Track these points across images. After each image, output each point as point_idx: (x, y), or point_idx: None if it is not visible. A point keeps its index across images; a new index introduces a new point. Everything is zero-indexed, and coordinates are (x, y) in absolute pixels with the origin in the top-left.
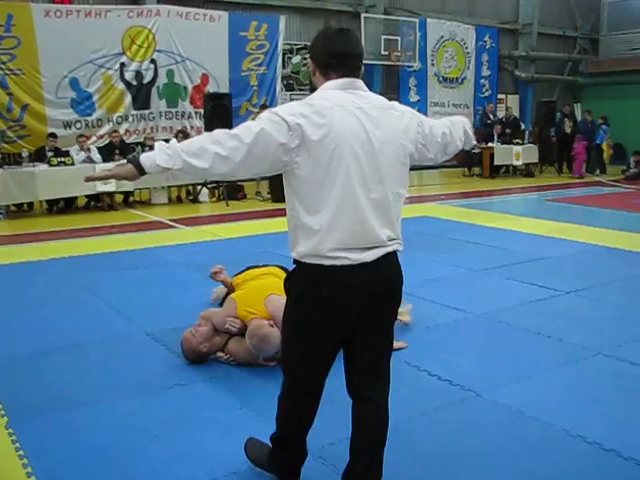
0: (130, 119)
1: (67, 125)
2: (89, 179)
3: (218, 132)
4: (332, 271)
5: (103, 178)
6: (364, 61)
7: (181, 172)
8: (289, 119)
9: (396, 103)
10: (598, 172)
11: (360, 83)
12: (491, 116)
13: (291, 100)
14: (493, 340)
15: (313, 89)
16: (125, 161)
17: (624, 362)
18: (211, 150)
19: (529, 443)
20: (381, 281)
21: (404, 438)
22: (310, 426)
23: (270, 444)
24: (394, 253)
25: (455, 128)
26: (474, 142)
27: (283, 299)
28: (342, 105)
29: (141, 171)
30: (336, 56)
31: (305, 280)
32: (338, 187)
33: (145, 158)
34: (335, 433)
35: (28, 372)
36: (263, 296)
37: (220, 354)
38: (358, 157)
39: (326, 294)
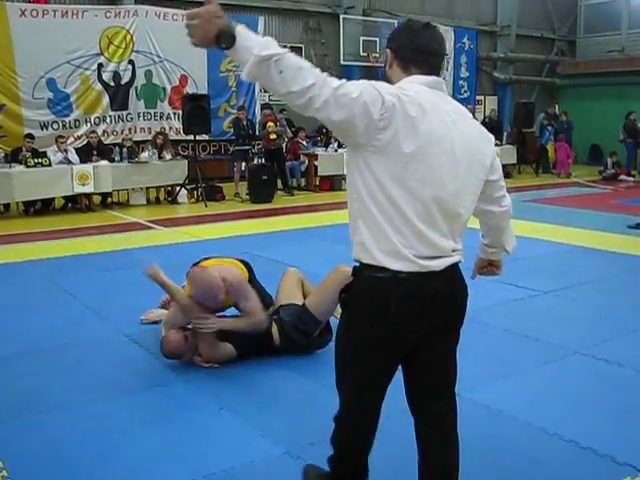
0: (108, 120)
1: (44, 126)
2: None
3: (322, 76)
4: (400, 281)
5: None
6: (344, 62)
7: (283, 71)
8: (387, 97)
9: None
10: (541, 171)
11: (444, 85)
12: None
13: (270, 101)
14: (471, 340)
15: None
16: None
17: (600, 361)
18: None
19: (507, 442)
20: (449, 292)
21: (384, 437)
22: (369, 447)
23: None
24: (457, 264)
25: (509, 214)
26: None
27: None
28: (433, 104)
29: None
30: (421, 52)
31: (370, 293)
32: (416, 187)
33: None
34: (315, 433)
35: (5, 374)
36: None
37: (199, 359)
38: (440, 161)
39: (394, 309)
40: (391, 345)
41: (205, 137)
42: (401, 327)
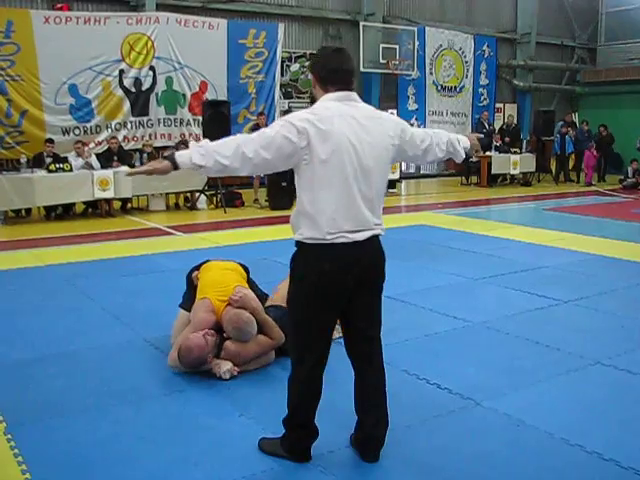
0: (129, 126)
1: (66, 131)
2: (131, 174)
3: (242, 136)
4: (331, 248)
5: (144, 172)
6: (364, 69)
7: (212, 169)
8: (297, 124)
9: (384, 113)
10: (562, 180)
11: (354, 95)
12: (486, 125)
13: (289, 107)
14: (492, 349)
15: (313, 100)
16: (161, 158)
17: (622, 371)
18: (239, 151)
19: (528, 452)
20: (369, 256)
21: (403, 447)
22: (317, 404)
23: (282, 431)
24: (378, 236)
25: (437, 138)
26: (463, 156)
27: (248, 290)
28: (340, 115)
29: (175, 167)
30: (334, 72)
31: (308, 258)
32: (336, 182)
33: (180, 156)
34: (334, 441)
35: (26, 378)
36: (231, 287)
37: (222, 369)
38: (351, 157)
39: (327, 268)
40: (330, 297)
41: None
42: (334, 282)
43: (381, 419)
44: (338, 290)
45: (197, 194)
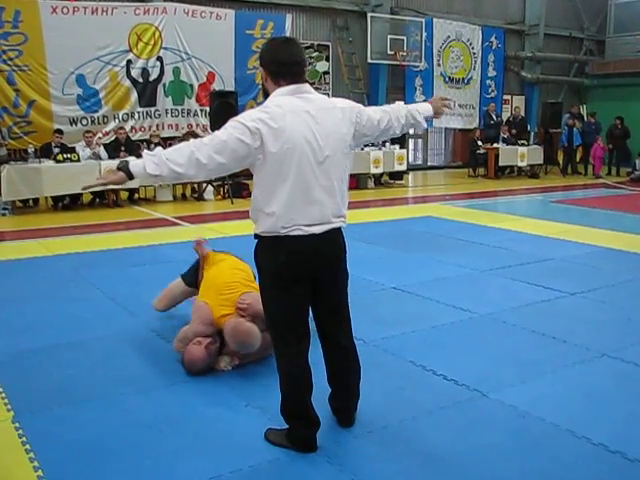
0: (136, 116)
1: (73, 121)
2: (86, 188)
3: (194, 142)
4: (286, 240)
5: (98, 185)
6: (371, 61)
7: (167, 177)
8: (250, 125)
9: (338, 100)
10: (570, 172)
11: (306, 87)
12: (493, 116)
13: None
14: (498, 340)
15: (265, 93)
16: (116, 168)
17: (629, 364)
18: (192, 158)
19: (534, 444)
20: (327, 248)
21: (409, 437)
22: (310, 389)
23: (284, 422)
24: (339, 228)
25: (395, 112)
26: (424, 126)
27: (254, 294)
28: (292, 110)
29: (130, 177)
30: (284, 64)
31: (266, 250)
32: (291, 178)
33: (134, 166)
34: (340, 432)
35: (34, 367)
36: (237, 294)
37: (220, 365)
38: (306, 153)
39: (283, 259)
40: (291, 284)
41: None
42: (292, 272)
43: (345, 390)
44: (296, 279)
45: (204, 185)
